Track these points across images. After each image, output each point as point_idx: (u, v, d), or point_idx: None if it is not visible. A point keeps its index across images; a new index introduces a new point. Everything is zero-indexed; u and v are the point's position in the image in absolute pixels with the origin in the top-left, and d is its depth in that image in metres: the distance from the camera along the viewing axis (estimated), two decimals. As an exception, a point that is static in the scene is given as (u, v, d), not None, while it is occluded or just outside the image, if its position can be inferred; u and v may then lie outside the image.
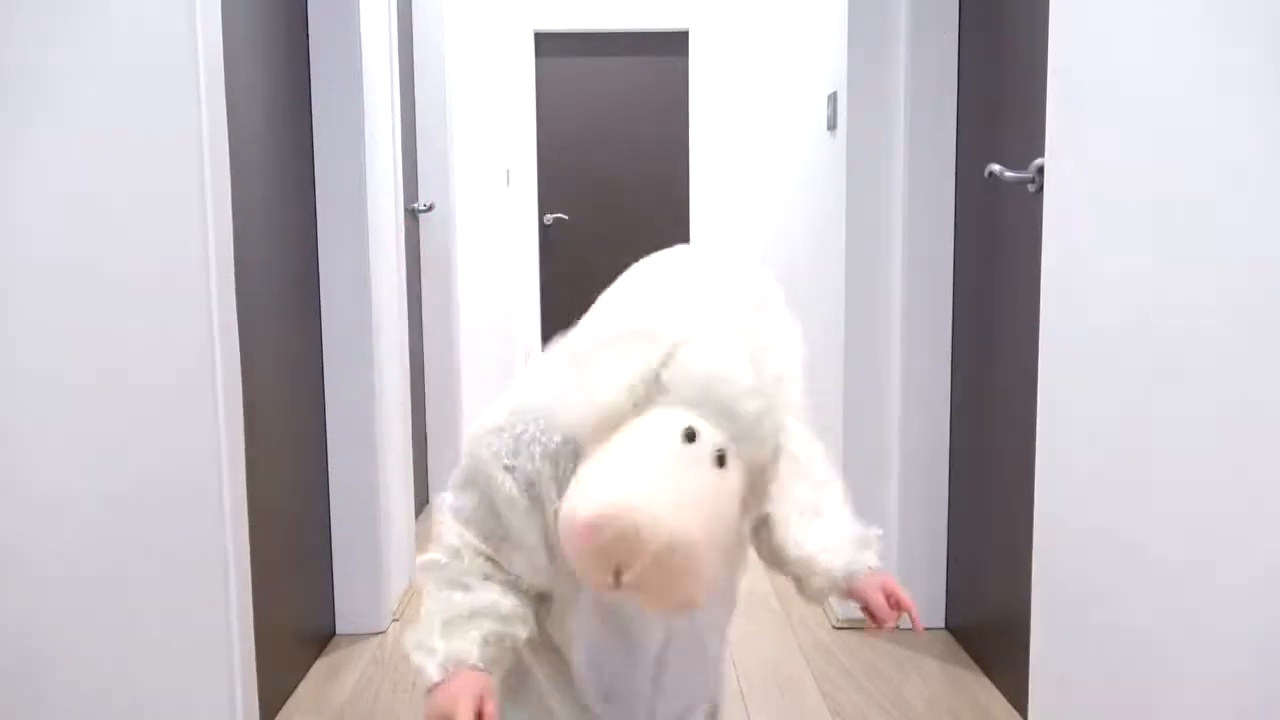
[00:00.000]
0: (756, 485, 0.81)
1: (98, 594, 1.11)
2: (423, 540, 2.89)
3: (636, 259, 0.91)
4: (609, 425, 0.76)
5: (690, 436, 0.75)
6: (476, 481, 0.89)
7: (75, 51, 1.08)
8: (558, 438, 0.86)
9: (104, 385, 1.12)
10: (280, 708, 1.90)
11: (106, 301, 1.13)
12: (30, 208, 0.99)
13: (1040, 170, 1.60)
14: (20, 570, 0.98)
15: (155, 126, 1.26)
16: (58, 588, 1.04)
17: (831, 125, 2.33)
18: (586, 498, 0.73)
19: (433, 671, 0.85)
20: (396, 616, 2.37)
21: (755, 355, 0.79)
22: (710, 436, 0.75)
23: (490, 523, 0.89)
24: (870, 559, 0.96)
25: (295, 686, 1.99)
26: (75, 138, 1.08)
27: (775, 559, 0.98)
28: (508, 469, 0.87)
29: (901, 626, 0.97)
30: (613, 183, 5.37)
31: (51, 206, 1.03)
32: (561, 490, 0.83)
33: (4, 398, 0.95)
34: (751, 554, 0.99)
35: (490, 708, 0.84)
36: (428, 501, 3.36)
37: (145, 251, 1.22)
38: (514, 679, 0.97)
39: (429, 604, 0.89)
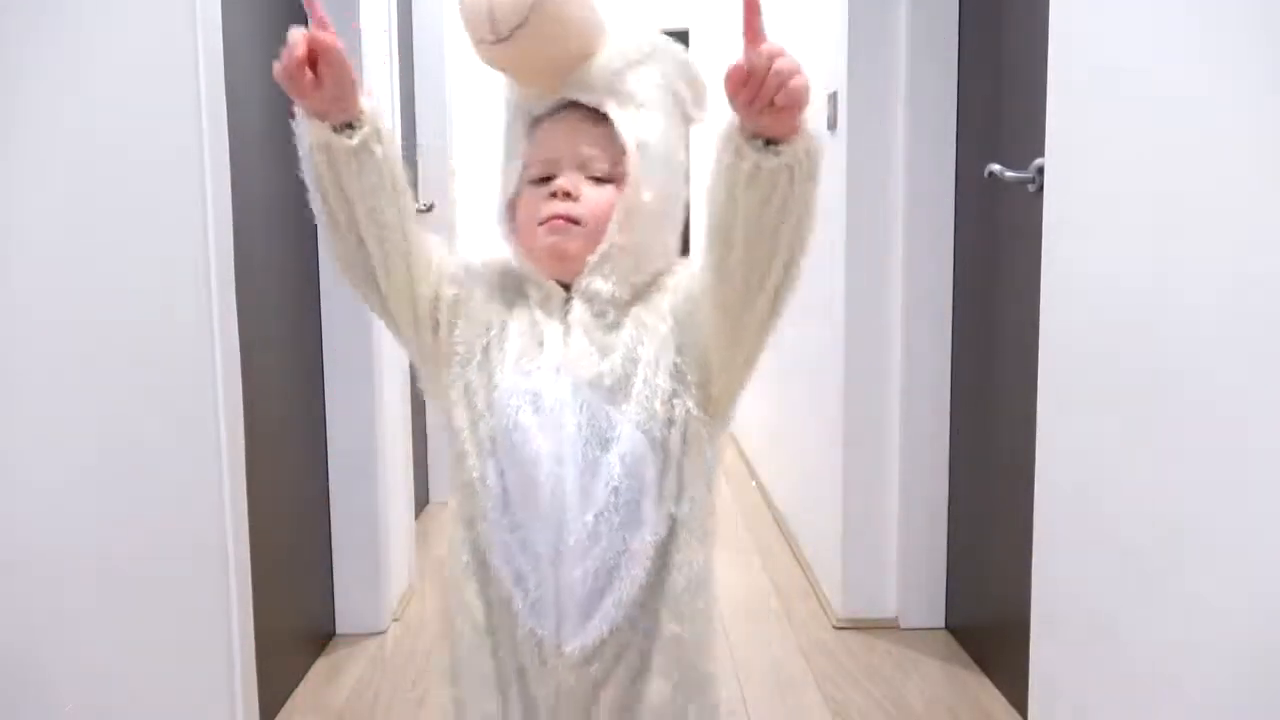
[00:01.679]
0: None
1: (98, 594, 1.11)
2: (423, 540, 2.88)
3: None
4: None
5: None
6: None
7: (75, 51, 1.08)
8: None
9: (104, 385, 1.12)
10: (280, 708, 1.90)
11: (106, 301, 1.13)
12: (30, 207, 1.00)
13: (1040, 170, 1.60)
14: (20, 570, 0.98)
15: (155, 127, 1.26)
16: (58, 588, 1.04)
17: (831, 125, 2.33)
18: None
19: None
20: (397, 617, 2.37)
21: None
22: None
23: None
24: None
25: (295, 687, 1.99)
26: (75, 138, 1.08)
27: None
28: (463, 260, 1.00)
29: None
30: (613, 183, 5.34)
31: (51, 206, 1.03)
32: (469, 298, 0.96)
33: (4, 397, 0.95)
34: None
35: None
36: (428, 501, 3.36)
37: (145, 251, 1.23)
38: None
39: None
